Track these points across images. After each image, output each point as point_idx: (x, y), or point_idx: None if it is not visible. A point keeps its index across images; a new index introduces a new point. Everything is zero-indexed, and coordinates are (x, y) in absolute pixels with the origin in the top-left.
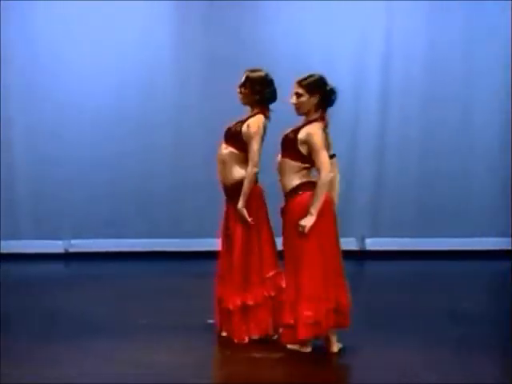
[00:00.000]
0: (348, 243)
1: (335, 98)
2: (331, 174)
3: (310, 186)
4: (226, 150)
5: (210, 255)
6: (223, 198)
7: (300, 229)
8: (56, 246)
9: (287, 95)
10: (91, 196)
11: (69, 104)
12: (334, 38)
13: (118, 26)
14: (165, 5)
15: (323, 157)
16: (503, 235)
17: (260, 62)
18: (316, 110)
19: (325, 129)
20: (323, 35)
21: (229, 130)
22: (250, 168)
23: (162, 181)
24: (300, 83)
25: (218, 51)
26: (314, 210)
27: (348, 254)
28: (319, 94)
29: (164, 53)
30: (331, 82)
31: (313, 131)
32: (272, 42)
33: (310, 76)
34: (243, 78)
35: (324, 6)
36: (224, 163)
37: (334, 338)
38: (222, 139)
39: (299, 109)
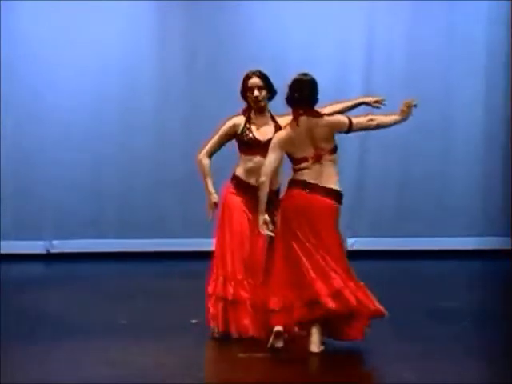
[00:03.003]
0: None
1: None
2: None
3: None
4: None
5: (194, 255)
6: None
7: None
8: (37, 247)
9: None
10: (73, 197)
11: (51, 104)
12: (316, 38)
13: (98, 26)
14: (146, 5)
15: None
16: (482, 235)
17: (241, 62)
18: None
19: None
20: (305, 35)
21: None
22: None
23: (143, 181)
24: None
25: (199, 51)
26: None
27: None
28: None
29: (145, 53)
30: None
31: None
32: (254, 42)
33: None
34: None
35: (306, 7)
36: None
37: (314, 338)
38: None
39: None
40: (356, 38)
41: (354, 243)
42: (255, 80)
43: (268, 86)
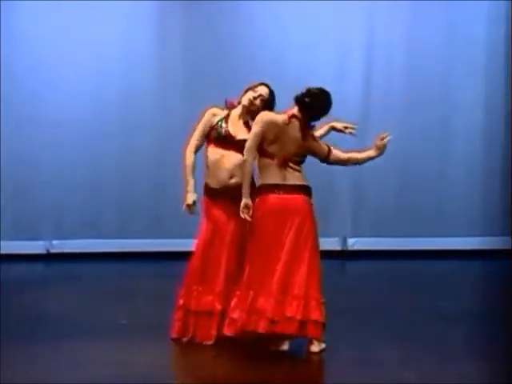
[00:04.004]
0: (330, 243)
1: None
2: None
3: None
4: None
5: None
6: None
7: None
8: (37, 247)
9: None
10: (73, 197)
11: (51, 104)
12: (316, 39)
13: (98, 26)
14: (146, 5)
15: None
16: (482, 235)
17: (241, 62)
18: None
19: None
20: (305, 35)
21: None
22: None
23: (142, 182)
24: None
25: (199, 52)
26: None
27: (330, 254)
28: None
29: (145, 53)
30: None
31: None
32: (253, 43)
33: None
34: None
35: (306, 7)
36: None
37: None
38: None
39: None
40: (356, 38)
41: (354, 243)
42: (264, 89)
43: (269, 102)
